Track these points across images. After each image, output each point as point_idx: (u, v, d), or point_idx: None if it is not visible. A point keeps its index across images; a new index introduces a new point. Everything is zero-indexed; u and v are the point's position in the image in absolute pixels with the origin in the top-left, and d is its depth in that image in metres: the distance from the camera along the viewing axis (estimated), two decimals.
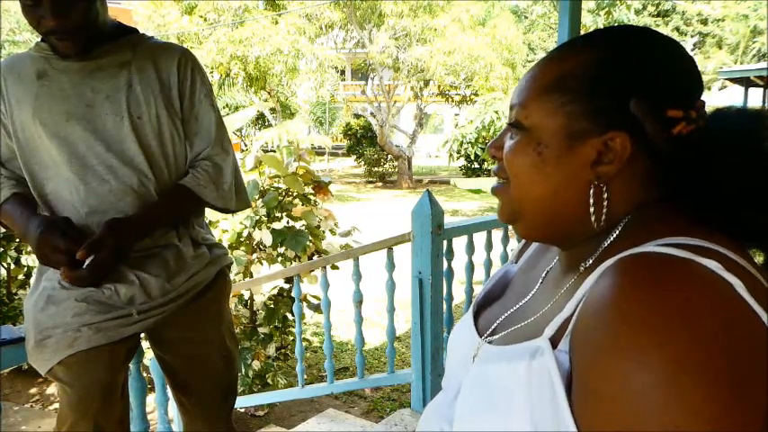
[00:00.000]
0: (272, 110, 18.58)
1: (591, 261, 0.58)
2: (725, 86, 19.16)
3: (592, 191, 0.58)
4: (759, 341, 0.45)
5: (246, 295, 3.80)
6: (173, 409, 2.27)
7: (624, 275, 0.49)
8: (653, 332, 0.44)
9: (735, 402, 0.42)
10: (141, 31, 1.49)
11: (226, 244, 3.43)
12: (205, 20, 15.69)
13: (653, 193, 0.58)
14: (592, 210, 0.58)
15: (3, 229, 1.43)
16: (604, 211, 0.58)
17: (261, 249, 3.68)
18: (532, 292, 0.69)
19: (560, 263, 0.67)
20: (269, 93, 17.30)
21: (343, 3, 15.86)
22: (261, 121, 20.46)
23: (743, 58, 21.84)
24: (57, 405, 3.88)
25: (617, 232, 0.58)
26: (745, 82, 14.10)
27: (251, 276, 3.54)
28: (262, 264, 3.69)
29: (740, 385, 0.43)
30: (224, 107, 16.39)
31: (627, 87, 0.56)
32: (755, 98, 14.42)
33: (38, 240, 1.26)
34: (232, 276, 2.03)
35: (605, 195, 0.58)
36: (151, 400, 2.75)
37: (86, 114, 1.32)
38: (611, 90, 0.57)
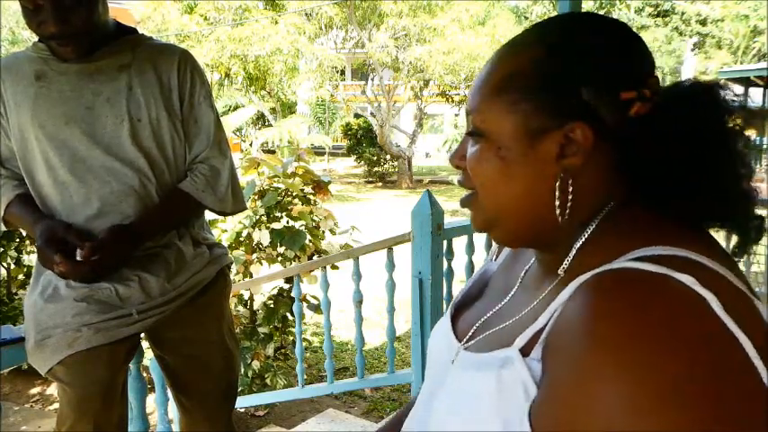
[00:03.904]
0: (272, 109, 18.58)
1: (567, 264, 0.57)
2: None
3: (557, 184, 0.56)
4: (731, 359, 0.44)
5: (246, 295, 3.80)
6: (173, 409, 2.27)
7: (598, 294, 0.48)
8: (624, 352, 0.44)
9: (702, 422, 0.42)
10: (140, 31, 1.49)
11: (225, 244, 3.43)
12: (206, 19, 15.68)
13: (622, 182, 0.57)
14: (557, 203, 0.57)
15: (3, 228, 1.43)
16: (569, 204, 0.57)
17: (260, 249, 3.68)
18: (511, 294, 0.68)
19: (538, 264, 0.66)
20: (269, 92, 17.30)
21: (343, 2, 15.85)
22: (261, 120, 20.48)
23: (743, 58, 21.84)
24: (57, 405, 3.87)
25: (590, 230, 0.56)
26: (746, 82, 14.10)
27: (251, 276, 3.54)
28: (261, 264, 3.68)
29: (710, 404, 0.42)
30: (224, 107, 16.39)
31: (576, 76, 0.55)
32: (755, 98, 14.42)
33: (37, 250, 1.30)
34: (232, 276, 2.03)
35: (570, 189, 0.56)
36: (151, 400, 2.75)
37: (86, 117, 1.32)
38: (561, 81, 0.56)
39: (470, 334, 0.67)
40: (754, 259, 3.14)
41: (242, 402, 3.42)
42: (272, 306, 3.79)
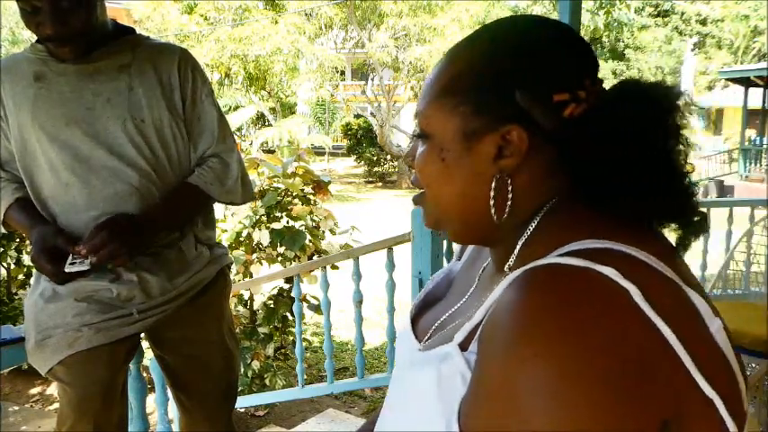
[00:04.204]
0: (272, 109, 18.57)
1: (513, 261, 0.59)
2: (727, 86, 19.16)
3: (494, 184, 0.58)
4: (649, 350, 0.46)
5: (246, 295, 3.80)
6: (173, 409, 2.27)
7: (522, 288, 0.50)
8: (541, 342, 0.45)
9: (617, 410, 0.44)
10: (139, 31, 1.49)
11: (225, 244, 3.43)
12: (206, 19, 15.68)
13: (561, 181, 0.58)
14: (492, 202, 0.58)
15: (2, 230, 1.43)
16: (508, 203, 0.58)
17: (260, 249, 3.68)
18: (468, 293, 0.69)
19: (491, 261, 0.67)
20: (269, 92, 17.30)
21: (343, 2, 15.85)
22: (261, 120, 20.47)
23: (743, 58, 21.84)
24: (57, 405, 3.87)
25: (532, 227, 0.58)
26: (746, 82, 14.10)
27: (251, 276, 3.54)
28: (261, 264, 3.68)
29: (626, 394, 0.44)
30: (224, 107, 16.37)
31: (510, 80, 0.56)
32: (755, 98, 14.42)
33: (31, 257, 1.31)
34: (232, 276, 2.03)
35: (509, 188, 0.58)
36: (151, 400, 2.75)
37: (86, 118, 1.32)
38: (496, 85, 0.57)
39: (429, 334, 0.69)
40: (754, 259, 3.14)
41: (242, 402, 3.42)
42: (272, 306, 3.79)
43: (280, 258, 3.72)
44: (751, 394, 1.72)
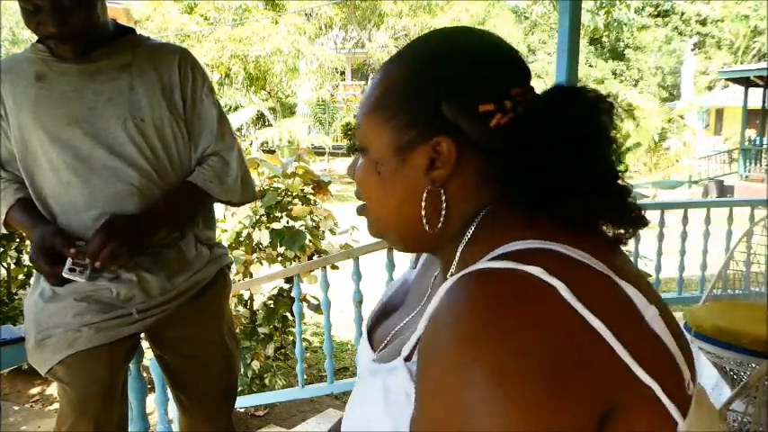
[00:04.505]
0: (272, 109, 18.58)
1: (454, 268, 0.60)
2: (727, 86, 19.16)
3: (425, 195, 0.59)
4: (581, 343, 0.47)
5: (246, 295, 3.80)
6: (173, 409, 2.27)
7: (452, 297, 0.51)
8: (473, 349, 0.46)
9: (555, 406, 0.45)
10: (139, 32, 1.49)
11: (225, 244, 3.43)
12: (206, 19, 15.68)
13: (495, 188, 0.59)
14: (423, 213, 0.60)
15: (3, 231, 1.43)
16: (443, 212, 0.60)
17: (260, 249, 3.68)
18: (422, 302, 0.70)
19: (440, 269, 0.68)
20: (269, 92, 17.30)
21: (343, 2, 15.86)
22: (261, 120, 20.46)
23: (743, 58, 21.84)
24: (57, 405, 3.87)
25: (469, 234, 0.59)
26: (746, 82, 14.10)
27: (251, 276, 3.54)
28: (261, 264, 3.68)
29: (561, 388, 0.45)
30: (224, 107, 16.36)
31: (436, 92, 0.58)
32: (755, 98, 14.42)
33: (30, 256, 1.31)
34: (232, 276, 2.03)
35: (443, 198, 0.59)
36: (151, 400, 2.75)
37: (88, 117, 1.32)
38: (424, 97, 0.59)
39: (384, 344, 0.70)
40: (754, 259, 3.13)
41: (242, 402, 3.42)
42: (272, 306, 3.79)
43: (280, 258, 3.72)
44: (751, 394, 1.72)
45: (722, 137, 19.51)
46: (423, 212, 0.60)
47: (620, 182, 0.57)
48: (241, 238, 3.64)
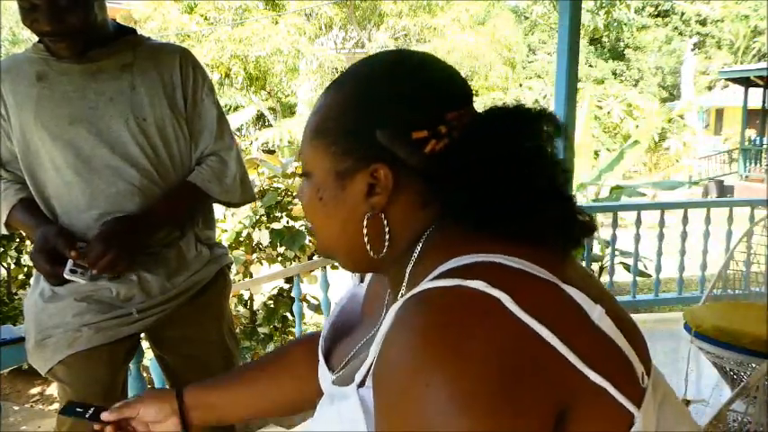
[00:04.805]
0: (272, 109, 18.58)
1: (404, 289, 0.60)
2: (727, 86, 19.16)
3: (365, 222, 0.60)
4: (527, 351, 0.48)
5: (246, 295, 3.80)
6: None
7: (400, 319, 0.52)
8: (423, 370, 0.47)
9: (509, 416, 0.46)
10: (139, 32, 1.49)
11: (225, 244, 3.43)
12: (206, 19, 15.68)
13: (438, 208, 0.59)
14: (366, 239, 0.61)
15: (5, 231, 1.43)
16: (386, 237, 0.61)
17: (260, 249, 3.68)
18: (378, 323, 0.70)
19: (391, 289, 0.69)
20: (269, 92, 17.30)
21: (343, 2, 15.86)
22: (261, 120, 20.46)
23: (743, 58, 21.84)
24: (57, 405, 3.87)
25: (415, 255, 0.60)
26: (746, 82, 14.10)
27: (251, 276, 3.54)
28: (261, 264, 3.69)
29: (513, 398, 0.46)
30: (224, 107, 16.36)
31: (372, 120, 0.59)
32: (755, 98, 14.42)
33: (30, 255, 1.31)
34: (232, 276, 2.03)
35: (385, 223, 0.60)
36: None
37: (90, 117, 1.32)
38: (360, 125, 0.60)
39: (343, 364, 0.70)
40: (754, 259, 3.13)
41: None
42: (272, 306, 3.79)
43: (280, 258, 3.72)
44: (751, 394, 1.71)
45: (722, 137, 19.51)
46: (365, 239, 0.61)
47: (568, 193, 0.59)
48: (241, 238, 3.64)
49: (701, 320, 2.29)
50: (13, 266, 4.46)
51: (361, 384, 0.58)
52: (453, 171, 0.56)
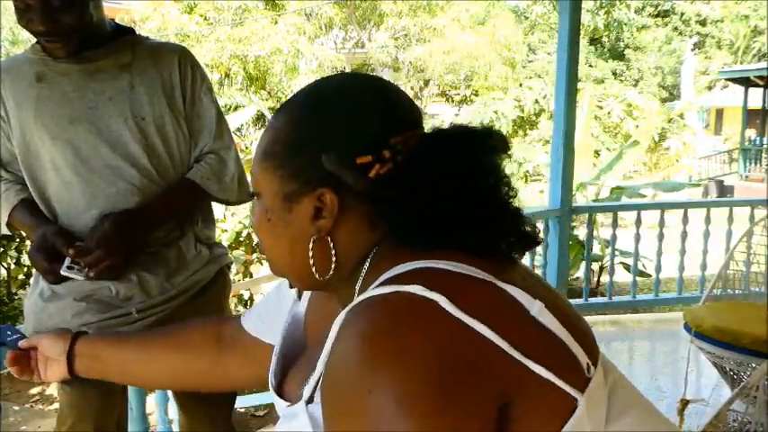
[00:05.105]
0: (272, 109, 18.57)
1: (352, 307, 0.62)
2: (727, 86, 19.16)
3: (311, 245, 0.62)
4: (467, 349, 0.49)
5: (246, 295, 3.80)
6: (173, 409, 2.27)
7: (342, 331, 0.53)
8: (366, 378, 0.49)
9: (453, 412, 0.48)
10: (138, 32, 1.50)
11: (225, 244, 3.43)
12: (205, 19, 15.68)
13: (385, 228, 0.61)
14: (311, 262, 0.62)
15: (5, 231, 1.43)
16: (333, 259, 0.62)
17: (260, 249, 3.68)
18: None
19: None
20: (269, 92, 17.30)
21: (343, 2, 15.86)
22: (261, 120, 20.47)
23: (743, 58, 21.84)
24: (57, 405, 3.87)
25: (363, 274, 0.61)
26: (746, 82, 14.11)
27: (251, 276, 3.55)
28: (261, 264, 3.69)
29: (455, 395, 0.48)
30: (224, 107, 16.36)
31: (317, 145, 0.60)
32: (755, 98, 14.42)
33: (29, 254, 1.32)
34: (232, 276, 2.04)
35: (331, 245, 0.62)
36: (151, 400, 2.75)
37: (90, 116, 1.32)
38: (306, 149, 0.61)
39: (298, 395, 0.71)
40: (754, 259, 3.13)
41: (242, 402, 3.42)
42: None
43: None
44: (751, 394, 1.72)
45: (722, 137, 19.53)
46: (311, 261, 0.62)
47: (513, 206, 0.60)
48: (241, 238, 3.65)
49: (701, 320, 2.29)
50: (13, 266, 4.46)
51: (310, 400, 0.59)
52: (399, 194, 0.58)
